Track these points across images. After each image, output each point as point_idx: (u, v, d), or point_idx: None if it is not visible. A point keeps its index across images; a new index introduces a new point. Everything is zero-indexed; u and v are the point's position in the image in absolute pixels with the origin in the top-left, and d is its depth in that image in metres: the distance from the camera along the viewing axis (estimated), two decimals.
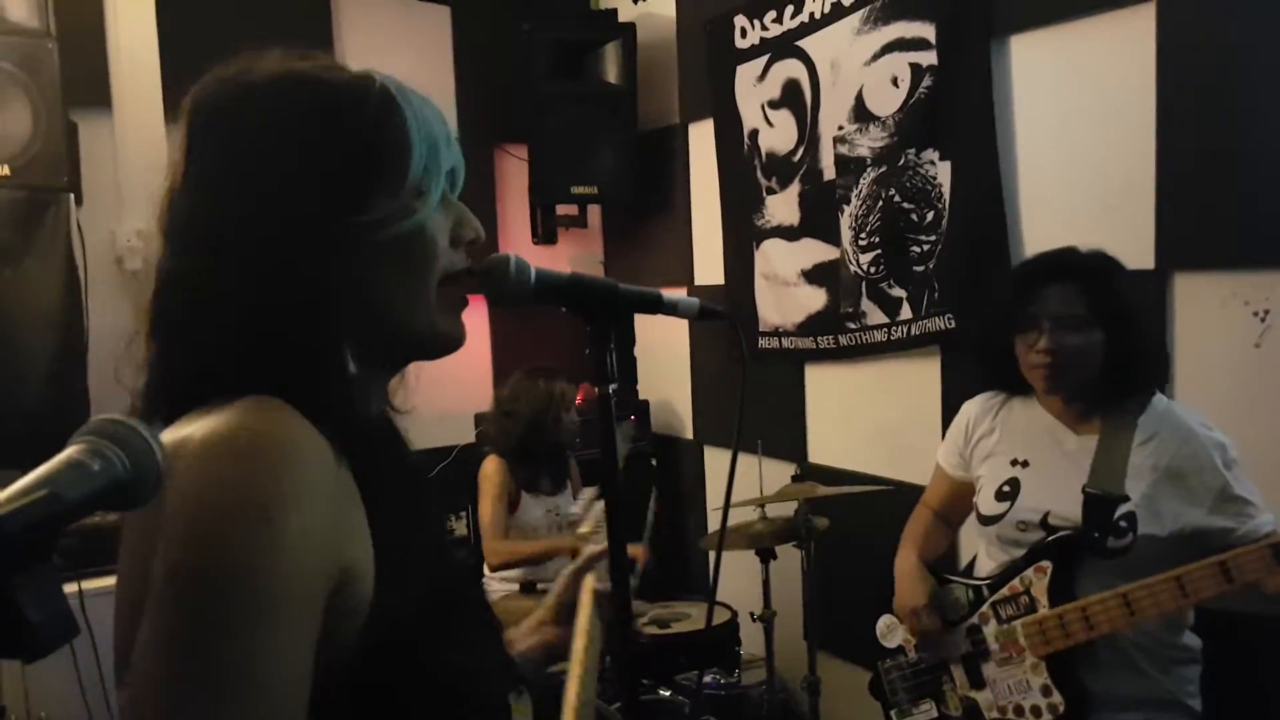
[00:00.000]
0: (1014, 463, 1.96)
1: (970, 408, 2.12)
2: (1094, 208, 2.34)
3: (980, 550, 2.07)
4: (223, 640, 0.67)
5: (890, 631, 2.12)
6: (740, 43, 3.35)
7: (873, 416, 3.07)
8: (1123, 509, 1.76)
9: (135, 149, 3.19)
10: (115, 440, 0.62)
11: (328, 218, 0.79)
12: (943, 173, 2.66)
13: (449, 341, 0.89)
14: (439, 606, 0.83)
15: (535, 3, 4.02)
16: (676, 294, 1.03)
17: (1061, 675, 1.81)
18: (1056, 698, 1.81)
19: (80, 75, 2.95)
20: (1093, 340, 1.83)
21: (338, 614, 0.73)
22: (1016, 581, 1.88)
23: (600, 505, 1.40)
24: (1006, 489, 1.94)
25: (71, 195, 2.88)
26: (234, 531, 0.68)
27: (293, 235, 0.79)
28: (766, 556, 2.82)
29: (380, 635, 0.75)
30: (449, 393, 3.65)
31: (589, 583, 1.19)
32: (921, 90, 2.68)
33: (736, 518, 2.80)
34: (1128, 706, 1.80)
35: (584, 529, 1.43)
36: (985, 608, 1.94)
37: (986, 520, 1.97)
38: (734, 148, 3.45)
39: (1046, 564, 1.84)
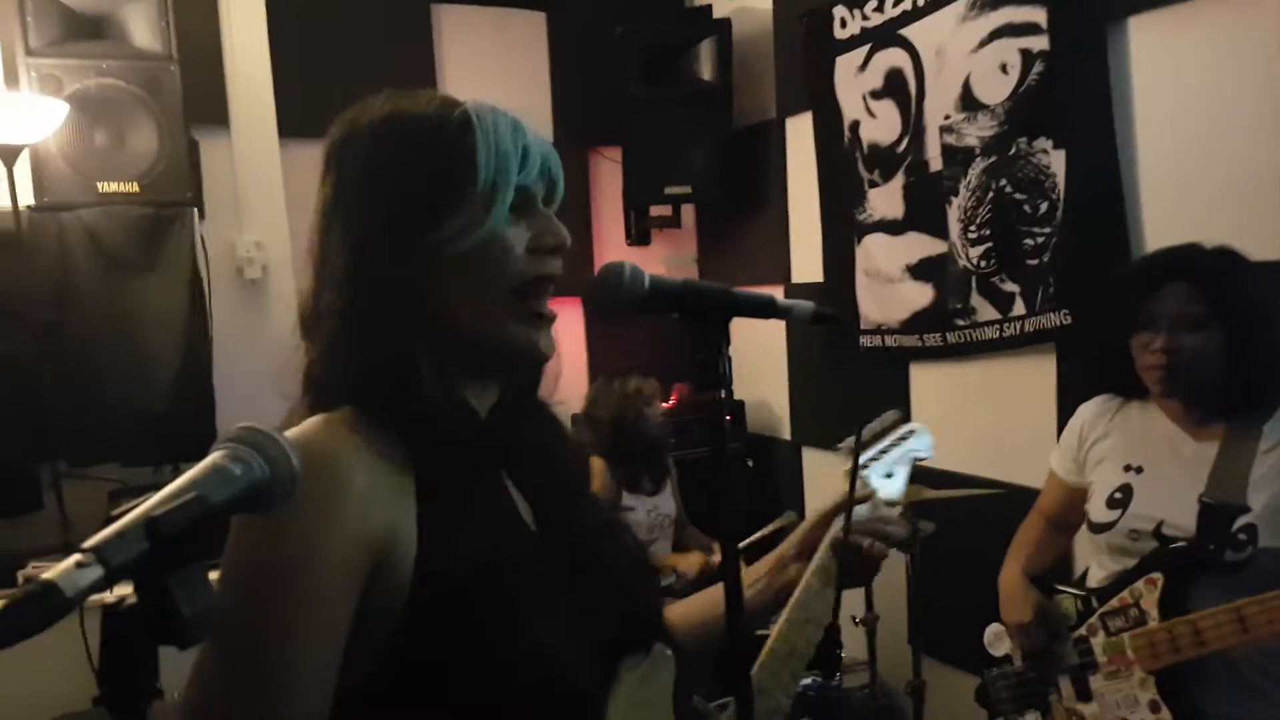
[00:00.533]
0: (1127, 468, 1.88)
1: (1085, 411, 2.04)
2: (1219, 196, 2.23)
3: (1092, 560, 2.00)
4: (242, 626, 0.79)
5: (997, 640, 2.08)
6: (840, 33, 3.30)
7: (982, 417, 2.98)
8: (1242, 520, 1.67)
9: (252, 164, 3.34)
10: (254, 446, 0.66)
11: (405, 237, 0.89)
12: (1056, 162, 2.57)
13: (525, 352, 0.94)
14: (505, 593, 0.88)
15: (630, 4, 4.04)
16: (775, 294, 1.02)
17: (1170, 692, 1.73)
18: (1165, 714, 1.73)
19: (200, 95, 3.10)
20: (1212, 341, 1.74)
21: (379, 593, 0.83)
22: (1126, 593, 1.81)
23: (887, 438, 1.35)
24: (1118, 496, 1.86)
25: (195, 209, 3.02)
26: (263, 535, 0.80)
27: (375, 255, 0.89)
28: None
29: (420, 609, 0.83)
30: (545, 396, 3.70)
31: (833, 528, 1.17)
32: (1033, 77, 2.59)
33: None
34: None
35: (850, 465, 1.28)
36: (1094, 619, 1.87)
37: (1097, 528, 1.90)
38: (834, 141, 3.40)
39: (1158, 576, 1.76)
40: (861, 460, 1.28)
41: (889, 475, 1.31)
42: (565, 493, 1.02)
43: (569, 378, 4.10)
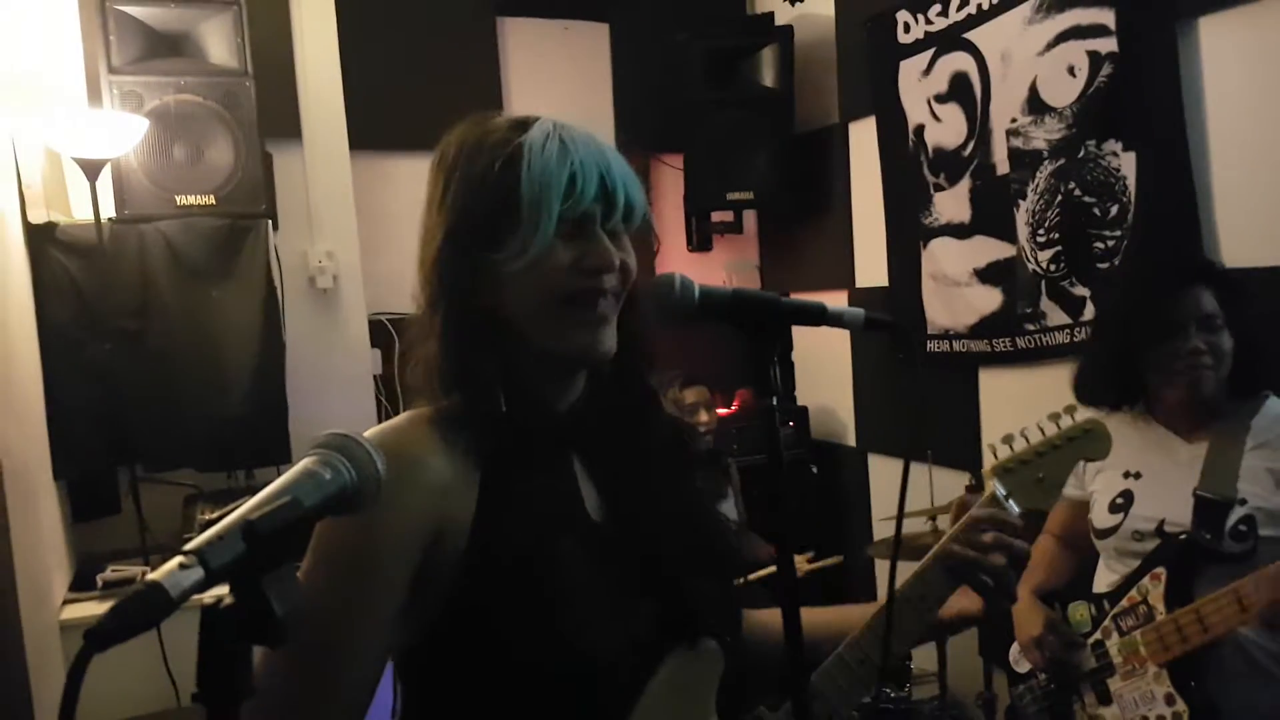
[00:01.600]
0: (1126, 475, 1.94)
1: None
2: None
3: (1100, 566, 2.03)
4: (321, 596, 0.86)
5: (1021, 658, 2.10)
6: (903, 38, 3.27)
7: None
8: (1240, 512, 1.74)
9: (323, 176, 3.41)
10: (342, 452, 0.69)
11: (476, 256, 0.98)
12: (1126, 164, 2.51)
13: (585, 354, 1.01)
14: (541, 566, 0.94)
15: (692, 12, 4.06)
16: (838, 300, 1.02)
17: (1183, 682, 1.77)
18: (1180, 705, 1.75)
19: (273, 109, 3.17)
20: (1228, 343, 1.83)
21: (431, 574, 0.93)
22: (1134, 591, 1.86)
23: (1058, 434, 1.24)
24: (1120, 501, 1.92)
25: (269, 221, 3.09)
26: (337, 531, 0.88)
27: (455, 272, 0.99)
28: None
29: (468, 586, 0.92)
30: None
31: (947, 536, 1.14)
32: (1101, 79, 2.55)
33: (907, 528, 2.73)
34: (1264, 716, 1.74)
35: (996, 463, 1.23)
36: (1107, 622, 1.92)
37: (1102, 534, 1.95)
38: (898, 145, 3.37)
39: (1161, 570, 1.82)
40: (1005, 463, 1.22)
41: (1040, 479, 1.21)
42: (641, 482, 1.05)
43: None
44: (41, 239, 2.78)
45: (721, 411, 3.68)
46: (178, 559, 0.58)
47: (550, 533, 0.97)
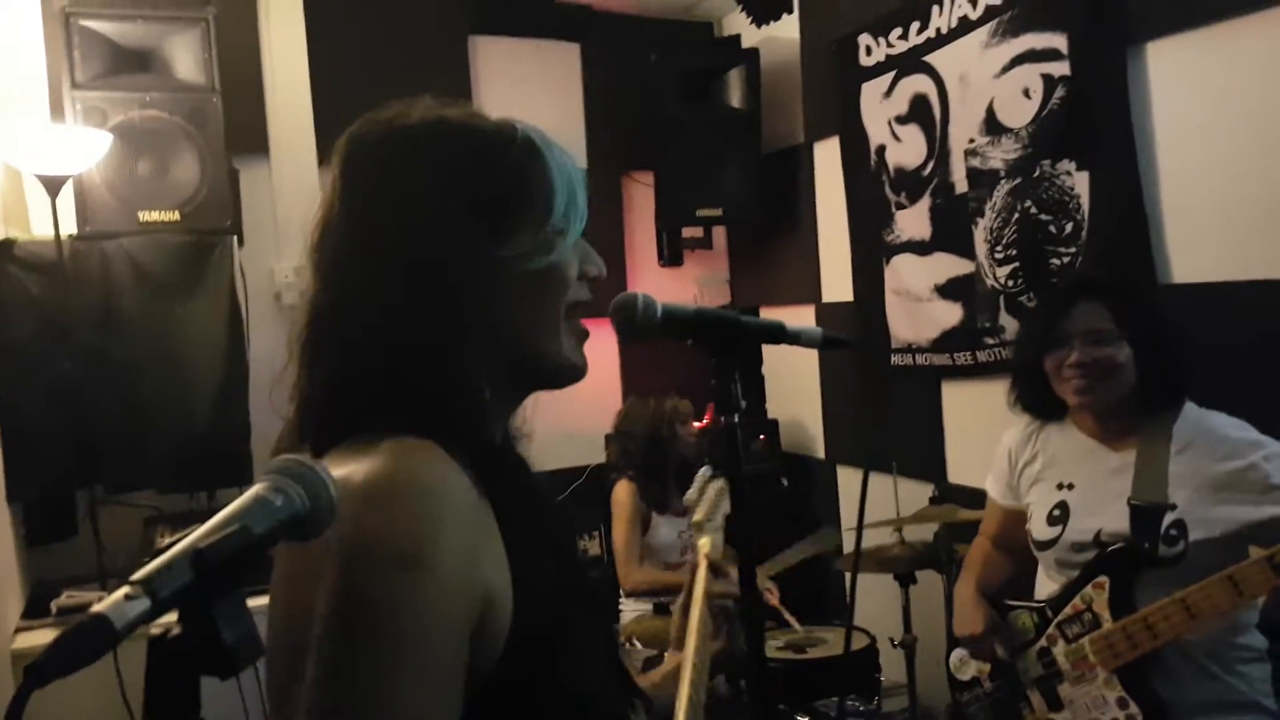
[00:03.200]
0: (1060, 486, 1.98)
1: (1008, 437, 2.14)
2: (1245, 216, 2.22)
3: (1040, 575, 2.07)
4: (371, 682, 0.72)
5: (963, 665, 2.14)
6: (865, 60, 3.32)
7: None
8: (1171, 517, 1.78)
9: (291, 192, 3.40)
10: (295, 478, 0.68)
11: (470, 251, 0.85)
12: (1080, 183, 2.57)
13: (575, 370, 0.95)
14: (570, 627, 0.87)
15: (661, 34, 4.11)
16: (800, 321, 1.05)
17: (1135, 686, 1.80)
18: (1133, 709, 1.80)
19: (241, 125, 3.16)
20: (1122, 354, 1.86)
21: (480, 641, 0.77)
22: (1078, 599, 1.89)
23: (714, 489, 1.42)
24: (1056, 513, 1.96)
25: (234, 237, 3.06)
26: (383, 582, 0.73)
27: (437, 267, 0.84)
28: (906, 581, 2.76)
29: (519, 657, 0.79)
30: (580, 415, 3.74)
31: (700, 576, 1.24)
32: (1055, 101, 2.61)
33: (872, 540, 2.76)
34: (1206, 711, 1.79)
35: (697, 516, 1.41)
36: (1052, 629, 1.94)
37: (1042, 545, 1.99)
38: (861, 164, 3.42)
39: (1104, 579, 1.86)
40: (704, 516, 1.41)
41: (719, 526, 1.41)
42: (560, 527, 1.04)
43: (603, 398, 4.18)
44: None
45: (695, 425, 3.70)
46: (124, 589, 0.57)
47: (567, 587, 0.89)
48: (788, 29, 3.84)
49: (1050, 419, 2.06)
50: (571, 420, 3.81)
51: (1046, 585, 2.02)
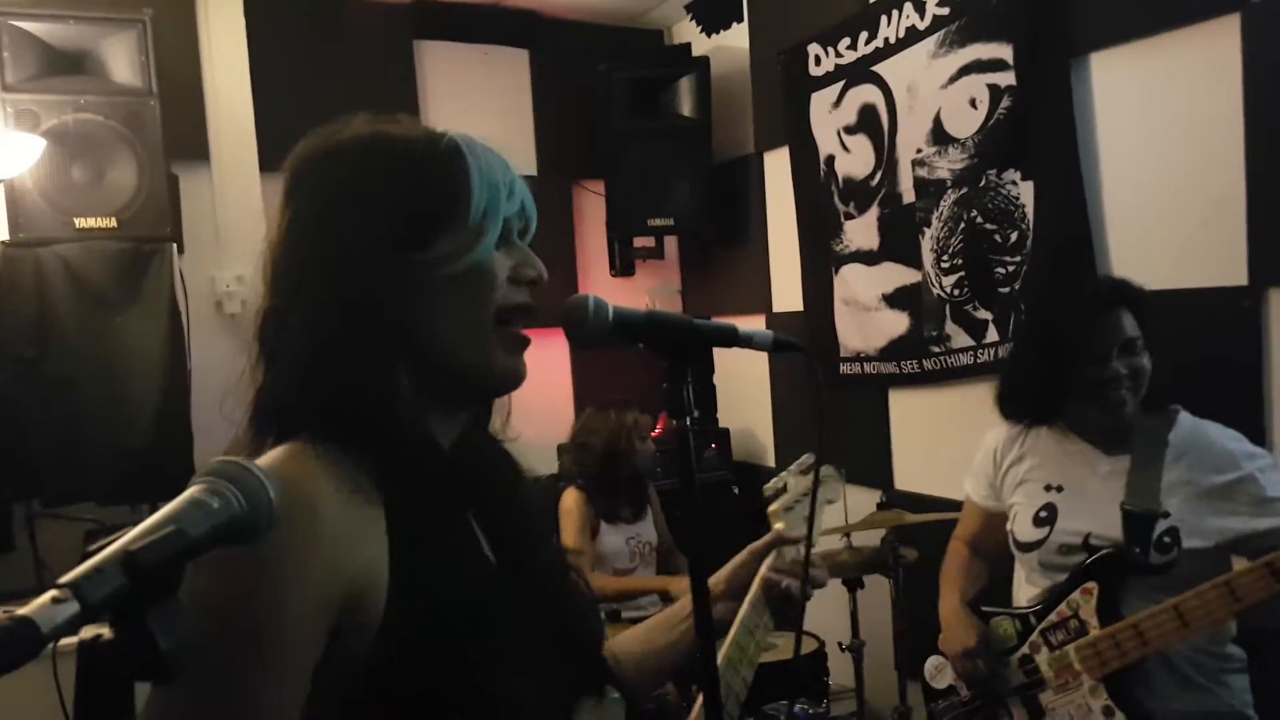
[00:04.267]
0: (1048, 488, 1.95)
1: (994, 438, 2.12)
2: (1183, 224, 2.28)
3: (1018, 578, 2.05)
4: (214, 673, 0.74)
5: (939, 672, 2.10)
6: (815, 70, 3.36)
7: (960, 441, 2.98)
8: (1164, 525, 1.76)
9: (232, 199, 3.34)
10: (231, 480, 0.66)
11: (393, 256, 0.88)
12: (1025, 193, 2.62)
13: (505, 377, 0.95)
14: (469, 626, 0.86)
15: (611, 42, 4.11)
16: (752, 327, 1.04)
17: (1121, 695, 1.78)
18: (1119, 717, 1.78)
19: (180, 131, 3.10)
20: (1148, 364, 1.86)
21: (347, 633, 0.80)
22: (1064, 606, 1.86)
23: (806, 481, 1.38)
24: (1044, 514, 1.93)
25: (174, 244, 3.01)
26: (233, 574, 0.76)
27: (359, 272, 0.87)
28: (854, 586, 2.78)
29: (389, 651, 0.81)
30: (531, 424, 3.70)
31: (764, 569, 1.20)
32: (1000, 111, 2.65)
33: (821, 545, 2.76)
34: (1187, 715, 1.79)
35: (774, 506, 1.38)
36: (1035, 636, 1.91)
37: (1025, 547, 1.95)
38: (810, 174, 3.45)
39: (1092, 585, 1.83)
40: (784, 505, 1.36)
41: (804, 518, 1.35)
42: (524, 531, 1.02)
43: (555, 408, 4.14)
44: None
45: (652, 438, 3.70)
46: (52, 593, 0.55)
47: (469, 594, 0.89)
48: (738, 38, 3.87)
49: (1043, 422, 2.01)
50: (523, 430, 3.78)
51: (1026, 590, 1.99)
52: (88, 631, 0.59)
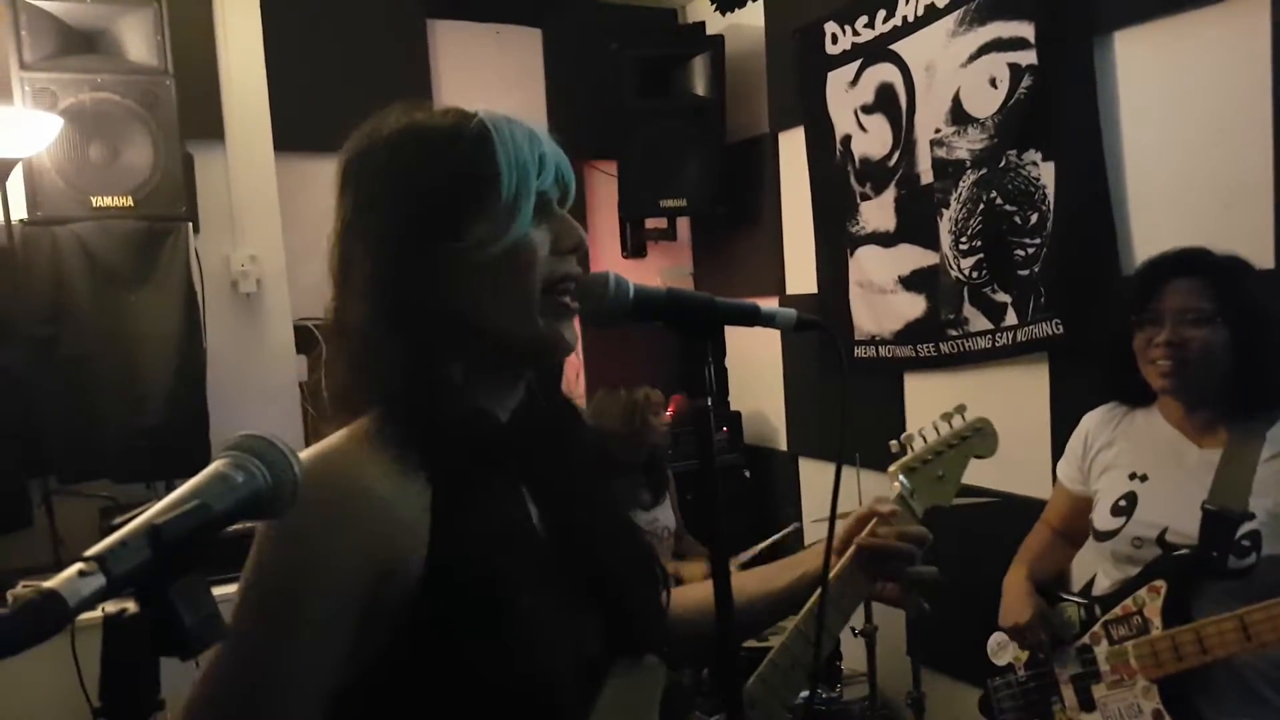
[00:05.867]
0: (1132, 476, 1.86)
1: (1089, 420, 2.03)
2: (1208, 206, 2.25)
3: (1098, 568, 1.99)
4: (249, 631, 0.81)
5: (1001, 649, 2.07)
6: (831, 49, 3.32)
7: None
8: (1246, 527, 1.66)
9: (247, 178, 3.33)
10: (256, 454, 0.66)
11: (431, 247, 0.91)
12: (1045, 174, 2.59)
13: (555, 346, 0.97)
14: (502, 597, 0.88)
15: (624, 21, 4.07)
16: (769, 305, 1.02)
17: (1174, 700, 1.72)
18: None
19: (195, 109, 3.09)
20: (1218, 338, 1.72)
21: (380, 610, 0.84)
22: (1130, 601, 1.81)
23: (946, 433, 1.30)
24: (1123, 503, 1.85)
25: (189, 224, 3.01)
26: (276, 555, 0.83)
27: (402, 264, 0.91)
28: None
29: (425, 620, 0.85)
30: None
31: (865, 533, 1.15)
32: (1021, 90, 2.62)
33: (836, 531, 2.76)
34: None
35: (902, 460, 1.28)
36: (1097, 627, 1.87)
37: (1102, 536, 1.88)
38: (826, 155, 3.42)
39: (1161, 584, 1.76)
40: (908, 462, 1.27)
41: (940, 477, 1.27)
42: (579, 496, 1.03)
43: (568, 389, 4.07)
44: None
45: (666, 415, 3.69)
46: (77, 565, 0.55)
47: (507, 557, 0.91)
48: (753, 16, 3.82)
49: (1138, 404, 1.92)
50: None
51: (1101, 580, 1.94)
52: (112, 606, 0.59)
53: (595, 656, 0.97)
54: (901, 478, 1.24)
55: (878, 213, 3.20)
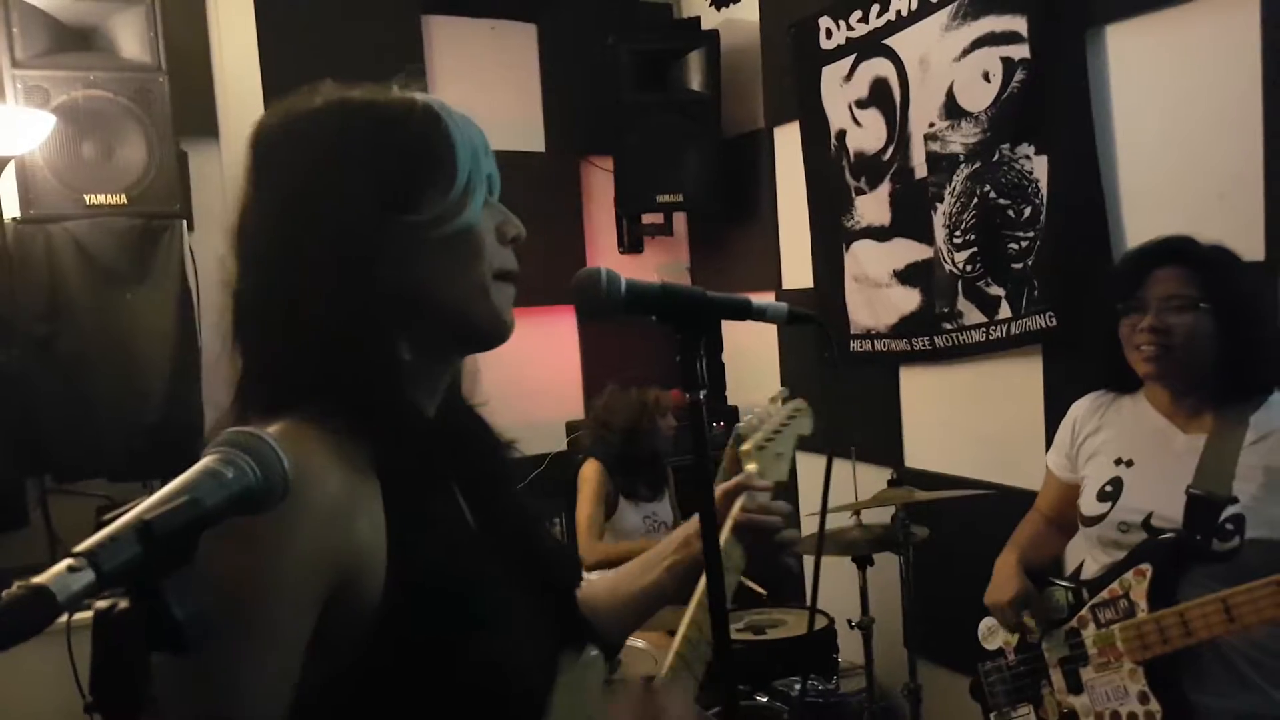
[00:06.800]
0: (1118, 462, 1.89)
1: (1077, 408, 2.05)
2: (1200, 199, 2.25)
3: (1085, 554, 2.00)
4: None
5: (991, 634, 2.09)
6: (826, 44, 3.32)
7: (971, 419, 2.99)
8: (1230, 511, 1.68)
9: (242, 175, 3.33)
10: (246, 450, 0.66)
11: (382, 219, 0.88)
12: (1039, 167, 2.59)
13: (502, 329, 0.95)
14: (466, 592, 0.88)
15: (620, 15, 4.07)
16: (765, 299, 1.03)
17: (1160, 682, 1.74)
18: (1154, 705, 1.74)
19: (189, 106, 3.09)
20: (1202, 325, 1.74)
21: (343, 610, 0.81)
22: (1116, 584, 1.82)
23: (779, 416, 1.37)
24: (1109, 489, 1.87)
25: (184, 221, 3.00)
26: (228, 556, 0.75)
27: (350, 239, 0.86)
28: (864, 563, 2.78)
29: (392, 620, 0.82)
30: (540, 402, 3.71)
31: (736, 508, 1.17)
32: (1014, 84, 2.62)
33: (831, 523, 2.77)
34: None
35: (746, 445, 1.32)
36: (1084, 611, 1.88)
37: (1088, 521, 1.91)
38: (821, 149, 3.42)
39: (1146, 567, 1.77)
40: (755, 444, 1.32)
41: (779, 455, 1.33)
42: (501, 493, 1.03)
43: (564, 385, 4.13)
44: None
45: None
46: (67, 561, 0.55)
47: (466, 556, 0.91)
48: (748, 10, 3.82)
49: (1124, 391, 1.95)
50: (532, 408, 3.79)
51: (1089, 565, 1.95)
52: (104, 602, 0.59)
53: (551, 650, 0.99)
54: (754, 460, 1.31)
55: (873, 207, 3.21)
